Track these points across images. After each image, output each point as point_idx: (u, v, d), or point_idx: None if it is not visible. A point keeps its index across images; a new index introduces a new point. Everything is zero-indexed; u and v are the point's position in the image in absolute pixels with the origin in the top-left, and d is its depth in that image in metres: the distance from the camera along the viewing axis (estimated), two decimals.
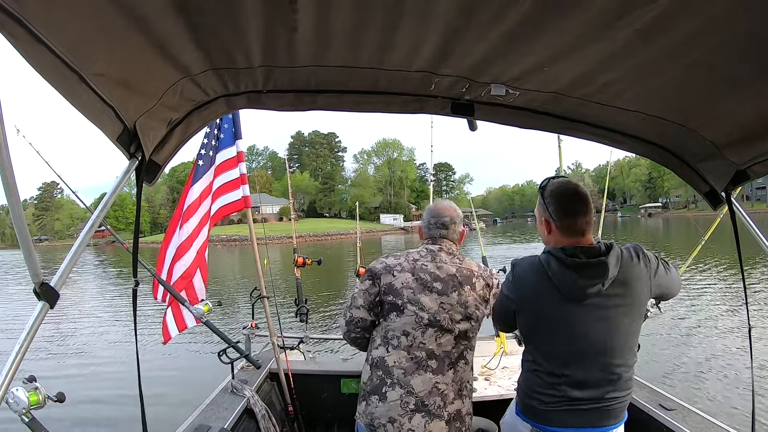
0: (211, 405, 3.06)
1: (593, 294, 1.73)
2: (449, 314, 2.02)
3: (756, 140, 1.65)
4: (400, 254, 2.15)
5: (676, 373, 7.40)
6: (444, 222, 2.20)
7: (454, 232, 2.22)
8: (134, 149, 1.52)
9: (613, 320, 1.76)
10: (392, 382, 1.96)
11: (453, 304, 2.03)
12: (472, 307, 2.07)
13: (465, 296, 2.06)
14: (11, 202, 1.12)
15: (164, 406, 5.60)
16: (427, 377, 1.96)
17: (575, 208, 1.80)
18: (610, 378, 1.80)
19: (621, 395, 1.82)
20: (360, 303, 2.11)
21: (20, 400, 1.78)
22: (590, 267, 1.72)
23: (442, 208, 2.24)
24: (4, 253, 61.94)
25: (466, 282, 2.09)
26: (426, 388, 1.94)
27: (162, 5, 1.08)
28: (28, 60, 0.99)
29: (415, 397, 1.93)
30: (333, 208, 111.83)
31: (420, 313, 2.00)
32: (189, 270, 3.46)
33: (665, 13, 1.08)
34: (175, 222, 3.60)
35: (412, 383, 1.94)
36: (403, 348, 1.99)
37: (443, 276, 2.07)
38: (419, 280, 2.04)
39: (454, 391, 1.99)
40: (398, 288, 2.03)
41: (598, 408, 1.80)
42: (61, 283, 1.35)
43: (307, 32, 1.28)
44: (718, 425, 2.63)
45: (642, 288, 1.80)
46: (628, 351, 1.82)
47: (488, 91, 1.65)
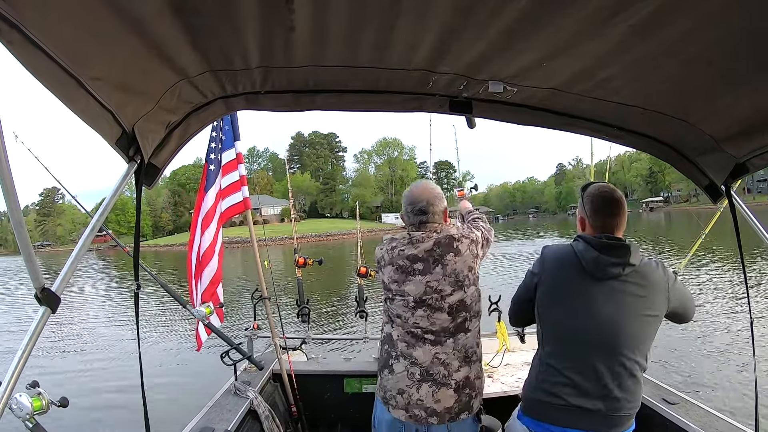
0: (214, 407, 3.06)
1: (614, 275, 1.82)
2: (437, 291, 2.02)
3: (755, 133, 1.66)
4: (385, 242, 2.19)
5: (679, 367, 7.39)
6: (422, 207, 2.13)
7: (435, 215, 2.14)
8: (133, 152, 1.52)
9: (628, 307, 1.81)
10: (397, 354, 2.06)
11: (439, 279, 2.02)
12: (464, 273, 2.05)
13: (451, 265, 2.03)
14: (11, 208, 1.12)
15: (167, 408, 5.61)
16: (427, 348, 2.01)
17: (607, 210, 1.92)
18: (616, 369, 1.80)
19: (626, 396, 1.81)
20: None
21: (24, 406, 1.79)
22: (613, 248, 1.83)
23: (417, 193, 2.17)
24: (7, 259, 62.13)
25: (448, 250, 2.05)
26: (427, 358, 2.00)
27: (158, 7, 1.08)
28: (25, 65, 0.99)
29: (420, 367, 1.99)
30: (334, 208, 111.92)
31: (406, 298, 2.05)
32: (216, 275, 3.58)
33: (661, 9, 1.08)
34: (194, 227, 3.64)
35: (414, 355, 2.02)
36: (400, 325, 2.08)
37: (421, 255, 2.05)
38: (400, 269, 2.07)
39: (458, 359, 2.01)
40: (386, 282, 2.13)
41: (602, 411, 1.80)
42: (62, 287, 1.35)
43: (304, 32, 1.27)
44: (721, 418, 2.63)
45: (661, 291, 1.85)
46: (638, 346, 1.82)
47: (486, 88, 1.64)
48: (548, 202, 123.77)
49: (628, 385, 1.82)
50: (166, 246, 72.19)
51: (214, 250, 3.58)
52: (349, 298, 14.14)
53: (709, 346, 8.40)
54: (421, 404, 1.96)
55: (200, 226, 3.59)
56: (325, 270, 18.40)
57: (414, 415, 1.97)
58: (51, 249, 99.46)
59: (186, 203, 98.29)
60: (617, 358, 1.81)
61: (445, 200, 2.19)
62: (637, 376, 1.84)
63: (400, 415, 1.99)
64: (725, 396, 6.15)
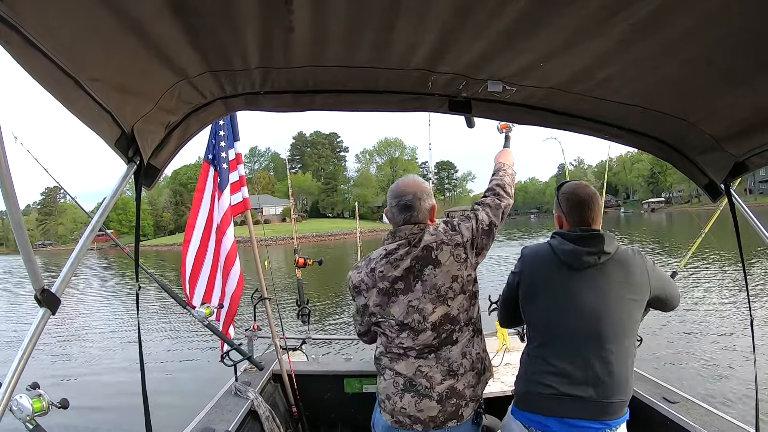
0: (214, 407, 3.07)
1: (590, 264, 1.89)
2: (418, 311, 1.88)
3: (754, 132, 1.65)
4: (362, 264, 2.02)
5: (679, 366, 7.39)
6: (407, 202, 1.96)
7: (421, 212, 1.98)
8: (132, 153, 1.52)
9: (609, 293, 1.87)
10: (382, 367, 1.99)
11: (419, 297, 1.87)
12: (446, 285, 1.88)
13: (431, 280, 1.87)
14: (11, 210, 1.12)
15: (168, 409, 5.61)
16: (410, 362, 1.92)
17: (582, 206, 2.00)
18: (602, 355, 1.84)
19: (616, 382, 1.84)
20: (359, 319, 2.11)
21: (24, 408, 1.79)
22: (587, 238, 1.91)
23: (404, 186, 2.01)
24: (9, 258, 62.21)
25: (426, 263, 1.88)
26: (410, 371, 1.91)
27: (157, 8, 1.07)
28: (24, 66, 0.99)
29: (403, 377, 1.91)
30: (336, 208, 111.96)
31: (390, 320, 1.93)
32: (241, 277, 3.66)
33: (661, 9, 1.08)
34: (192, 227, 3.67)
35: (396, 368, 1.93)
36: (384, 344, 2.00)
37: (401, 273, 1.90)
38: (382, 292, 1.93)
39: (441, 373, 1.89)
40: (370, 306, 1.97)
41: (593, 398, 1.83)
42: (62, 288, 1.35)
43: (304, 33, 1.27)
44: (722, 417, 2.63)
45: (640, 276, 1.91)
46: (623, 331, 1.87)
47: (485, 88, 1.64)
48: (549, 202, 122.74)
49: (617, 370, 1.84)
50: (167, 245, 72.22)
51: (236, 252, 3.65)
52: (349, 298, 14.12)
53: (709, 345, 8.39)
54: (405, 412, 1.90)
55: (215, 228, 3.64)
56: (326, 270, 18.37)
57: (399, 420, 1.92)
58: (52, 248, 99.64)
59: (187, 203, 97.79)
60: (603, 344, 1.84)
61: (434, 198, 2.04)
62: (625, 361, 1.87)
63: (388, 420, 1.95)
64: (726, 395, 6.14)
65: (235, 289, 3.61)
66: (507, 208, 2.11)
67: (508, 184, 2.19)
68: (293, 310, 4.27)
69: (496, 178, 2.22)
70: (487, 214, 2.02)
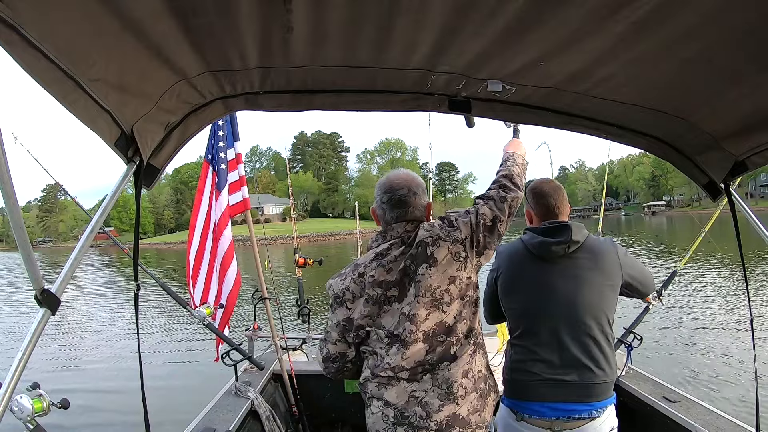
0: (215, 407, 3.07)
1: (560, 254, 1.99)
2: (410, 320, 1.64)
3: (754, 131, 1.65)
4: (347, 270, 1.76)
5: (680, 365, 7.39)
6: (401, 197, 1.76)
7: (417, 208, 1.78)
8: (132, 153, 1.52)
9: (581, 278, 1.97)
10: (369, 396, 1.72)
11: (411, 302, 1.64)
12: (442, 288, 1.66)
13: (425, 281, 1.64)
14: (11, 210, 1.12)
15: (168, 409, 5.61)
16: (401, 387, 1.65)
17: (547, 197, 2.13)
18: (581, 339, 1.93)
19: (596, 365, 1.92)
20: (335, 337, 1.79)
21: (24, 408, 1.79)
22: (555, 230, 2.01)
23: (396, 179, 1.80)
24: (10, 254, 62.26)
25: (421, 261, 1.65)
26: (402, 399, 1.64)
27: (157, 8, 1.07)
28: (23, 66, 0.99)
29: (393, 408, 1.64)
30: (336, 208, 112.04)
31: (379, 332, 1.68)
32: (237, 277, 3.65)
33: (661, 7, 1.08)
34: (194, 226, 3.71)
35: (385, 396, 1.66)
36: (371, 367, 1.72)
37: (394, 278, 1.67)
38: (372, 300, 1.67)
39: (438, 397, 1.63)
40: (356, 321, 1.70)
41: (576, 381, 1.91)
42: (62, 288, 1.35)
43: (303, 32, 1.27)
44: (722, 416, 2.63)
45: (612, 262, 2.01)
46: (598, 315, 1.96)
47: (485, 87, 1.64)
48: None
49: (596, 353, 1.94)
50: (167, 244, 72.39)
51: (233, 251, 3.67)
52: None
53: (709, 344, 8.40)
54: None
55: (212, 228, 3.65)
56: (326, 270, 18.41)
57: None
58: (53, 245, 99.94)
59: (188, 201, 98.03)
60: (580, 328, 1.94)
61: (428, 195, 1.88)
62: (603, 344, 1.96)
63: None
64: (726, 394, 6.14)
65: (232, 289, 3.61)
66: (515, 201, 1.85)
67: (517, 174, 1.95)
68: (294, 310, 4.27)
69: (503, 169, 1.99)
70: (490, 208, 1.78)
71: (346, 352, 1.79)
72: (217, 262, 3.63)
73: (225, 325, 3.65)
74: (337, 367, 1.84)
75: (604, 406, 1.94)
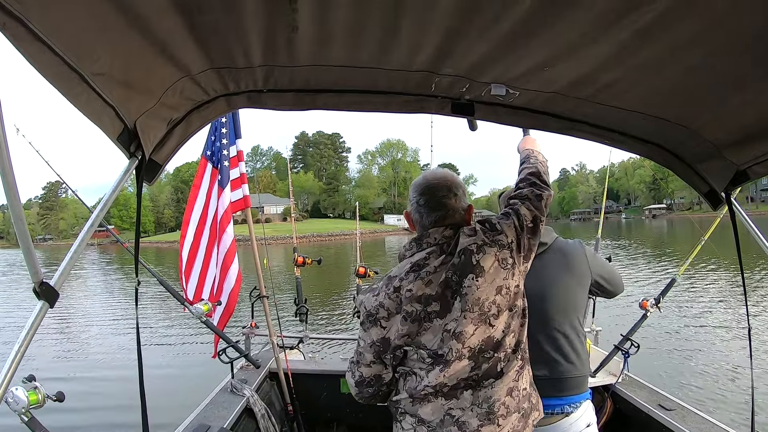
0: (210, 404, 3.07)
1: None
2: (457, 338, 1.46)
3: (756, 141, 1.65)
4: (380, 285, 1.57)
5: (676, 374, 7.38)
6: (441, 198, 1.59)
7: (457, 211, 1.61)
8: (134, 148, 1.53)
9: (550, 277, 2.03)
10: (401, 411, 1.56)
11: (457, 317, 1.46)
12: (490, 300, 1.48)
13: (473, 293, 1.46)
14: (12, 202, 1.12)
15: (164, 405, 5.60)
16: (438, 404, 1.48)
17: None
18: (552, 335, 1.99)
19: (567, 360, 1.98)
20: (369, 359, 1.58)
21: (20, 400, 1.79)
22: None
23: (434, 179, 1.64)
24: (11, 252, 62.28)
25: (466, 272, 1.47)
26: (437, 416, 1.48)
27: (163, 5, 1.08)
28: (29, 59, 1.00)
29: (427, 426, 1.49)
30: (337, 209, 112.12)
31: (420, 352, 1.51)
32: (239, 275, 3.67)
33: (666, 15, 1.08)
34: (187, 223, 3.74)
35: (420, 412, 1.50)
36: (408, 389, 1.54)
37: (435, 291, 1.48)
38: (411, 317, 1.49)
39: (478, 417, 1.46)
40: (393, 341, 1.52)
41: (548, 376, 1.95)
42: (61, 282, 1.36)
43: (307, 32, 1.27)
44: (717, 425, 2.63)
45: (579, 261, 2.08)
46: (567, 312, 2.02)
47: (488, 91, 1.64)
48: (551, 207, 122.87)
49: (566, 348, 2.00)
50: (168, 242, 72.29)
51: (235, 249, 3.68)
52: (347, 298, 14.12)
53: (706, 353, 8.38)
54: None
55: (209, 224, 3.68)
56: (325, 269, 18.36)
57: None
58: (53, 243, 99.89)
59: None
60: (549, 324, 1.99)
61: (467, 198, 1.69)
62: (573, 339, 2.02)
63: None
64: (722, 402, 6.13)
65: (234, 286, 3.62)
66: (549, 198, 1.73)
67: (543, 172, 1.83)
68: (291, 309, 4.27)
69: (528, 166, 1.85)
70: (529, 208, 1.64)
71: (382, 374, 1.59)
72: (218, 258, 3.64)
73: (225, 322, 3.66)
74: (372, 392, 1.63)
75: (578, 401, 1.98)
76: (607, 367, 3.42)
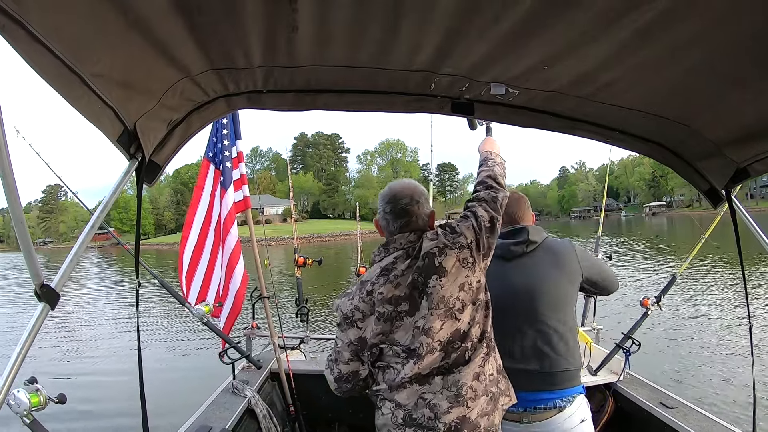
0: (212, 405, 3.06)
1: (519, 253, 2.14)
2: (426, 333, 1.61)
3: (757, 139, 1.64)
4: (354, 290, 1.71)
5: (677, 371, 7.38)
6: (404, 206, 1.72)
7: (420, 217, 1.74)
8: (134, 150, 1.53)
9: (540, 275, 2.08)
10: (381, 397, 1.70)
11: (425, 315, 1.61)
12: (455, 296, 1.63)
13: (438, 292, 1.60)
14: (12, 205, 1.12)
15: (165, 406, 5.59)
16: (413, 389, 1.63)
17: (510, 206, 2.17)
18: (542, 330, 2.02)
19: (558, 354, 2.01)
20: (347, 357, 1.73)
21: (21, 402, 1.78)
22: (513, 232, 2.18)
23: (399, 188, 1.77)
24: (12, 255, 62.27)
25: (430, 273, 1.61)
26: (411, 400, 1.63)
27: (162, 5, 1.08)
28: (29, 61, 1.00)
29: (403, 410, 1.63)
30: (337, 209, 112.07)
31: (395, 347, 1.65)
32: (245, 275, 3.68)
33: (666, 14, 1.08)
34: (190, 224, 3.75)
35: (396, 397, 1.64)
36: (385, 380, 1.69)
37: (403, 292, 1.63)
38: (383, 318, 1.63)
39: (447, 399, 1.60)
40: (369, 339, 1.66)
41: (538, 370, 1.99)
42: (61, 284, 1.35)
43: (307, 32, 1.28)
44: (719, 423, 2.63)
45: (569, 259, 2.13)
46: (557, 308, 2.05)
47: (488, 90, 1.64)
48: (551, 205, 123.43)
49: (556, 342, 2.03)
50: (168, 245, 72.26)
51: (239, 250, 3.69)
52: None
53: (708, 351, 8.38)
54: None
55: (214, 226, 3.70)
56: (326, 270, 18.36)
57: None
58: (53, 246, 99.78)
59: (189, 202, 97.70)
60: (539, 319, 2.03)
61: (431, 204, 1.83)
62: (564, 333, 2.05)
63: None
64: (724, 400, 6.13)
65: (239, 287, 3.63)
66: (504, 200, 1.88)
67: (499, 174, 1.98)
68: (292, 310, 4.27)
69: (485, 169, 2.00)
70: (486, 210, 1.78)
71: (359, 371, 1.74)
72: (223, 260, 3.65)
73: (232, 323, 3.68)
74: (350, 387, 1.78)
75: (571, 395, 2.00)
76: (608, 365, 3.42)
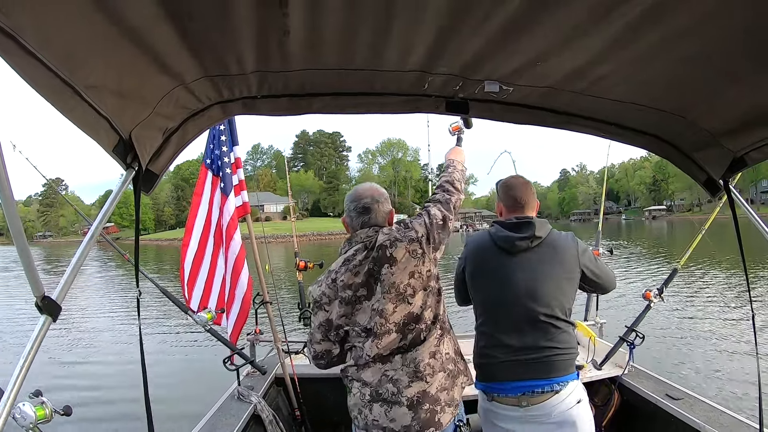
0: (218, 412, 3.06)
1: (523, 248, 2.13)
2: (380, 314, 1.84)
3: (753, 128, 1.64)
4: (323, 277, 1.98)
5: (682, 363, 7.38)
6: (365, 204, 1.99)
7: (379, 214, 2.00)
8: (131, 159, 1.52)
9: (541, 270, 2.10)
10: (349, 379, 1.96)
11: (380, 299, 1.84)
12: (405, 283, 1.85)
13: (389, 279, 1.84)
14: (11, 220, 1.12)
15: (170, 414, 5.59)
16: (377, 368, 1.87)
17: (515, 190, 2.28)
18: (539, 324, 2.06)
19: (555, 344, 2.05)
20: (318, 338, 2.00)
21: (27, 415, 1.77)
22: (520, 225, 2.16)
23: (362, 191, 2.04)
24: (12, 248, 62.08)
25: (382, 262, 1.85)
26: (376, 377, 1.86)
27: (153, 14, 1.07)
28: (21, 74, 0.99)
29: (369, 387, 1.87)
30: (337, 208, 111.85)
31: (356, 328, 1.90)
32: (249, 281, 3.72)
33: (657, 6, 1.08)
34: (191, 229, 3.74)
35: (363, 376, 1.89)
36: (354, 358, 1.95)
37: (361, 279, 1.88)
38: (345, 302, 1.89)
39: (407, 375, 1.84)
40: (335, 321, 1.93)
41: (535, 359, 2.04)
42: (63, 295, 1.35)
43: (299, 36, 1.27)
44: (725, 413, 2.63)
45: (570, 256, 2.14)
46: (555, 303, 2.08)
47: (482, 88, 1.64)
48: (551, 207, 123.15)
49: (554, 334, 2.06)
50: (168, 240, 72.23)
51: (244, 257, 3.72)
52: None
53: (712, 341, 8.39)
54: (377, 424, 1.85)
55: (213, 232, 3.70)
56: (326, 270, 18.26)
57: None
58: (53, 240, 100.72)
59: (189, 198, 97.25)
60: (537, 314, 2.06)
61: (390, 204, 2.09)
62: (561, 327, 2.08)
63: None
64: (729, 390, 6.13)
65: (246, 291, 3.65)
66: (458, 202, 2.13)
67: (457, 180, 2.23)
68: (295, 313, 4.26)
69: (445, 175, 2.26)
70: (439, 209, 2.02)
71: (332, 350, 2.00)
72: (222, 267, 3.66)
73: (241, 328, 3.71)
74: (325, 363, 2.05)
75: (566, 381, 2.04)
76: (613, 359, 3.42)
